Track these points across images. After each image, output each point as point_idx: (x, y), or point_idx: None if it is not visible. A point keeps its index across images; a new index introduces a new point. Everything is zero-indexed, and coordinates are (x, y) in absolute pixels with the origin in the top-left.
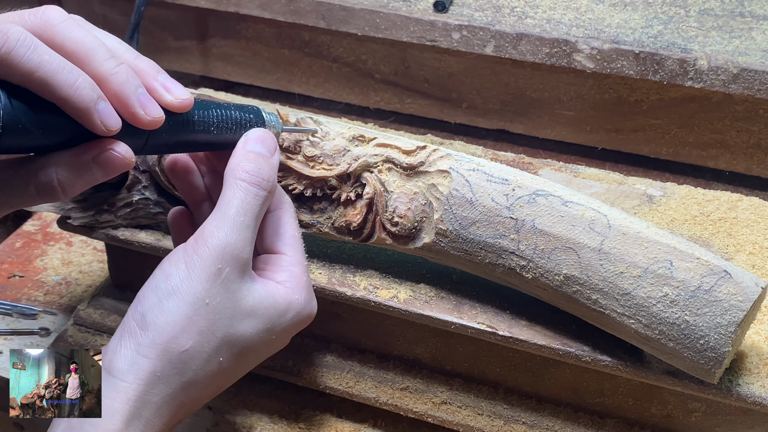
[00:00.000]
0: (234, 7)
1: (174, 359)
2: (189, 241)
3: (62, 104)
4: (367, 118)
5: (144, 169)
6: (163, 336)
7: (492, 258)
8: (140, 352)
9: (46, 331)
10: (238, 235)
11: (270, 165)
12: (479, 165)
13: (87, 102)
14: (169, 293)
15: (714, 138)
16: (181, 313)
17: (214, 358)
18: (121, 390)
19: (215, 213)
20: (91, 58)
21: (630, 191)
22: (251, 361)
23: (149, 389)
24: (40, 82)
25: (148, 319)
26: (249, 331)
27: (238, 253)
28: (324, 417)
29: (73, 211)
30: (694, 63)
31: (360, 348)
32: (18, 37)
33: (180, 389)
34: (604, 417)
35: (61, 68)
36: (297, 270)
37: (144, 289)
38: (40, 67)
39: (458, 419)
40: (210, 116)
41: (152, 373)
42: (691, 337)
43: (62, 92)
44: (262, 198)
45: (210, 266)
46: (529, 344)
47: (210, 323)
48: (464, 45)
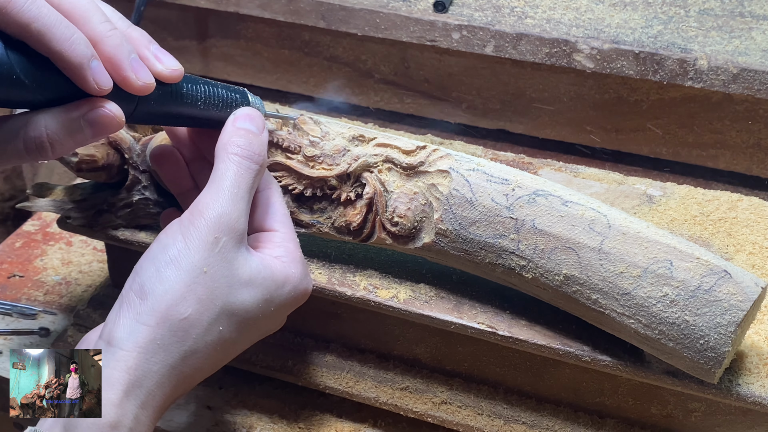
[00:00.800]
0: (234, 7)
1: (174, 326)
2: (184, 215)
3: (56, 58)
4: (367, 118)
5: (144, 169)
6: (162, 304)
7: (492, 258)
8: (139, 320)
9: (46, 331)
10: (233, 206)
11: (260, 141)
12: (479, 165)
13: (81, 58)
14: (167, 262)
15: (714, 138)
16: (180, 280)
17: (214, 327)
18: (120, 358)
19: (209, 186)
20: (87, 19)
21: (630, 191)
22: (252, 333)
23: (149, 357)
24: (37, 33)
25: (146, 288)
26: (248, 301)
27: (233, 224)
28: (324, 417)
29: (73, 211)
30: (694, 63)
31: (360, 348)
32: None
33: (180, 358)
34: (604, 417)
35: (58, 22)
36: (291, 246)
37: (141, 260)
38: (37, 19)
39: (458, 419)
40: (198, 91)
41: (152, 340)
42: (691, 337)
43: (57, 46)
44: (255, 171)
45: (207, 236)
46: (529, 344)
47: (208, 291)
48: (464, 45)
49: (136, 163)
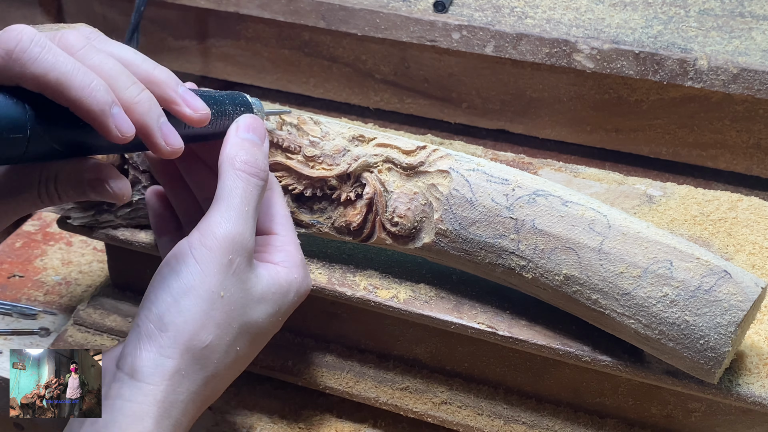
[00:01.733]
0: (234, 7)
1: (197, 355)
2: (193, 234)
3: (76, 107)
4: (367, 118)
5: (144, 169)
6: (184, 335)
7: (492, 258)
8: (163, 354)
9: (46, 331)
10: (244, 225)
11: (263, 153)
12: (479, 165)
13: (102, 104)
14: (183, 291)
15: (714, 138)
16: (199, 309)
17: (232, 348)
18: (148, 393)
19: (218, 204)
20: (113, 86)
21: (630, 191)
22: (262, 344)
23: (175, 388)
24: (55, 83)
25: (166, 320)
26: (261, 317)
27: (245, 243)
28: (324, 417)
29: (73, 211)
30: (694, 63)
31: (360, 348)
32: (32, 38)
33: (203, 384)
34: (604, 417)
35: (76, 69)
36: (291, 249)
37: (154, 289)
38: (54, 68)
39: (458, 419)
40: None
41: (177, 372)
42: (691, 337)
43: (76, 93)
44: (261, 188)
45: (221, 258)
46: (529, 344)
47: (226, 315)
48: (464, 45)
49: (136, 163)
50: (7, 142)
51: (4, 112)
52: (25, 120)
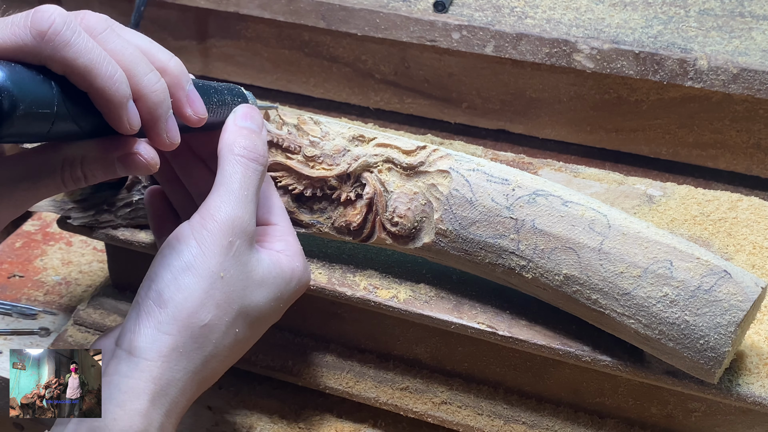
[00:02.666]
0: (234, 7)
1: (195, 333)
2: (194, 218)
3: (97, 95)
4: (367, 118)
5: None
6: (183, 312)
7: (492, 258)
8: (161, 330)
9: (46, 331)
10: (244, 208)
11: (261, 139)
12: (479, 165)
13: (121, 97)
14: (183, 269)
15: (714, 138)
16: (198, 287)
17: (231, 330)
18: (144, 369)
19: (218, 189)
20: (132, 72)
21: (630, 191)
22: (262, 329)
23: (173, 365)
24: (83, 68)
25: (165, 296)
26: (261, 301)
27: (245, 226)
28: (324, 417)
29: (73, 211)
30: (694, 63)
31: (360, 348)
32: (65, 21)
33: (201, 364)
34: (604, 417)
35: (103, 59)
36: (291, 239)
37: (155, 267)
38: (83, 54)
39: (458, 419)
40: (210, 102)
41: (174, 349)
42: (691, 337)
43: (101, 83)
44: (260, 173)
45: (221, 240)
46: (529, 344)
47: (226, 296)
48: (464, 45)
49: None
50: (35, 117)
51: (35, 88)
52: (53, 96)
